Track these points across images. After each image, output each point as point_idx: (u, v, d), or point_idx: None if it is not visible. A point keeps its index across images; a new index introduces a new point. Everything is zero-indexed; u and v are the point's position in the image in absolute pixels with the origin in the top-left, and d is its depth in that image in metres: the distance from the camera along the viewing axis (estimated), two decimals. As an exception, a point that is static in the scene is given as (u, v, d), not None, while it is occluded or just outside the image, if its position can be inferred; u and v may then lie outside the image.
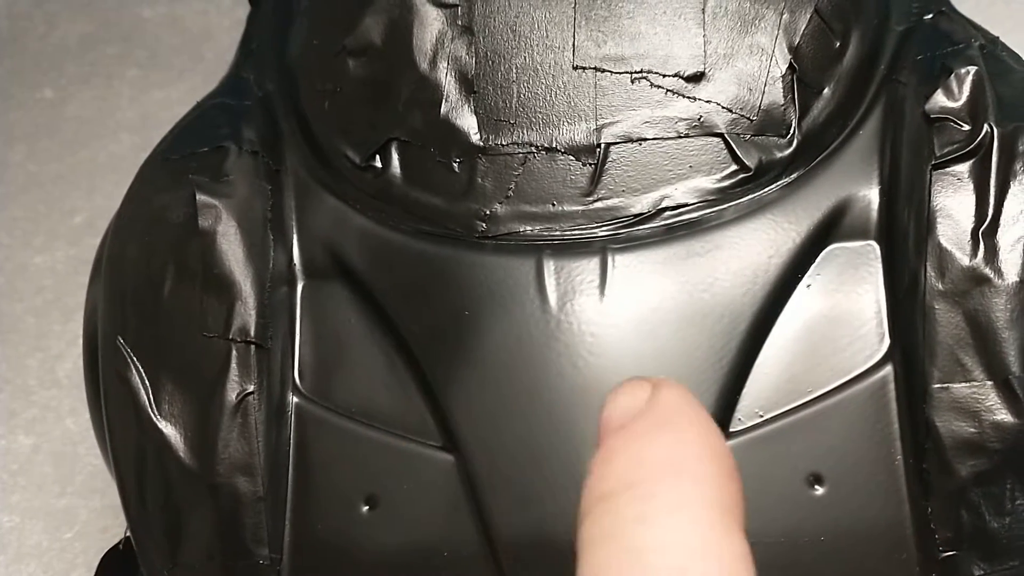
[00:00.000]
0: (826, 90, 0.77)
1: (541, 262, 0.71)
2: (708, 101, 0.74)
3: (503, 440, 0.66)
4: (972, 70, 0.70)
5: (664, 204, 0.73)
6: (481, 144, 0.76)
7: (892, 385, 0.65)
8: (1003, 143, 0.67)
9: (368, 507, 0.68)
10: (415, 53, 0.79)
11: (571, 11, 0.77)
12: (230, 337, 0.69)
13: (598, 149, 0.74)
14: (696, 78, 0.75)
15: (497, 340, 0.70)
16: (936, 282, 0.64)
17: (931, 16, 0.82)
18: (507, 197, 0.75)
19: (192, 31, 1.34)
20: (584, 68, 0.76)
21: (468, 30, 0.79)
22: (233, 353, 0.69)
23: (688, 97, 0.75)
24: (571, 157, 0.75)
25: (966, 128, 0.68)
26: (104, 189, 1.17)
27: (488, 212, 0.75)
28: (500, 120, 0.76)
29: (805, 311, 0.69)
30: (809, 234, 0.71)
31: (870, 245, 0.71)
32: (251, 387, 0.68)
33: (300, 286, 0.75)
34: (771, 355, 0.68)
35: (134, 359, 0.70)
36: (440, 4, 0.80)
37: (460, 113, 0.77)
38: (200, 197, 0.73)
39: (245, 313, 0.70)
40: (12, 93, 1.30)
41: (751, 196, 0.72)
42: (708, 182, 0.73)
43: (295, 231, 0.77)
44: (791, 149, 0.74)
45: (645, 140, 0.74)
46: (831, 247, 0.71)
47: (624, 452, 0.37)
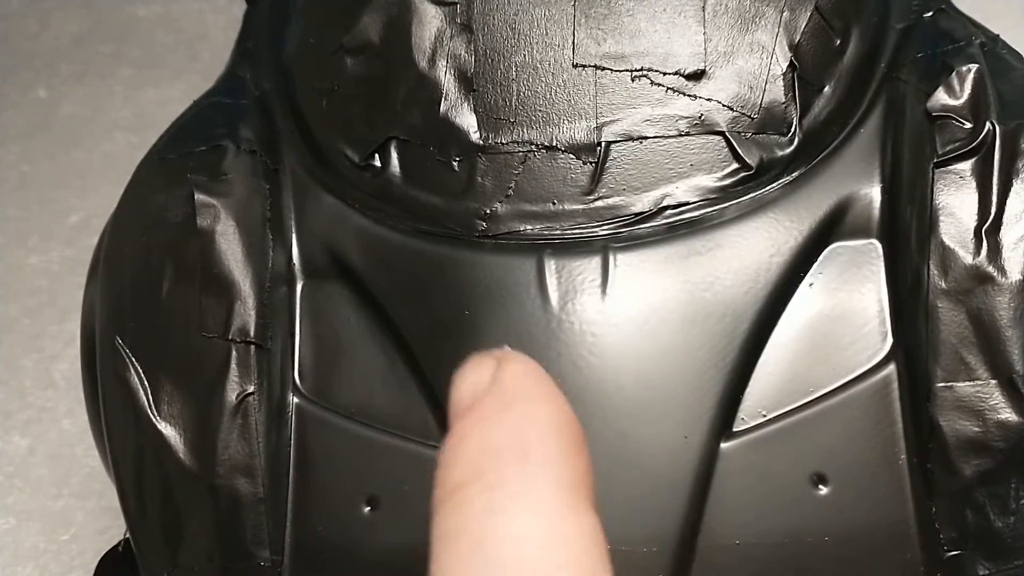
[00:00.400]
0: (827, 88, 0.77)
1: (542, 261, 0.70)
2: (709, 99, 0.74)
3: None
4: (973, 68, 0.70)
5: (665, 203, 0.72)
6: (481, 143, 0.75)
7: (895, 384, 0.65)
8: (1005, 141, 0.66)
9: (369, 508, 0.67)
10: (414, 51, 0.79)
11: (571, 8, 0.77)
12: (230, 337, 0.69)
13: (599, 148, 0.74)
14: (697, 76, 0.74)
15: (498, 340, 0.69)
16: (939, 280, 0.64)
17: (931, 14, 0.82)
18: (507, 196, 0.75)
19: (187, 30, 1.33)
20: (584, 66, 0.76)
21: (467, 28, 0.78)
22: (233, 353, 0.68)
23: (689, 95, 0.75)
24: (571, 156, 0.74)
25: (968, 126, 0.68)
26: (99, 189, 1.16)
27: (488, 211, 0.74)
28: (500, 118, 0.76)
29: (807, 310, 0.68)
30: (811, 233, 0.71)
31: (872, 243, 0.70)
32: (251, 388, 0.68)
33: (299, 286, 0.75)
34: (774, 354, 0.67)
35: (133, 360, 0.69)
36: (439, 2, 0.79)
37: (460, 112, 0.77)
38: (198, 196, 0.72)
39: (245, 313, 0.70)
40: (5, 92, 1.29)
41: (752, 195, 0.72)
42: (709, 180, 0.73)
43: (294, 230, 0.77)
44: (792, 147, 0.74)
45: (646, 138, 0.74)
46: (833, 246, 0.71)
47: (471, 438, 0.36)
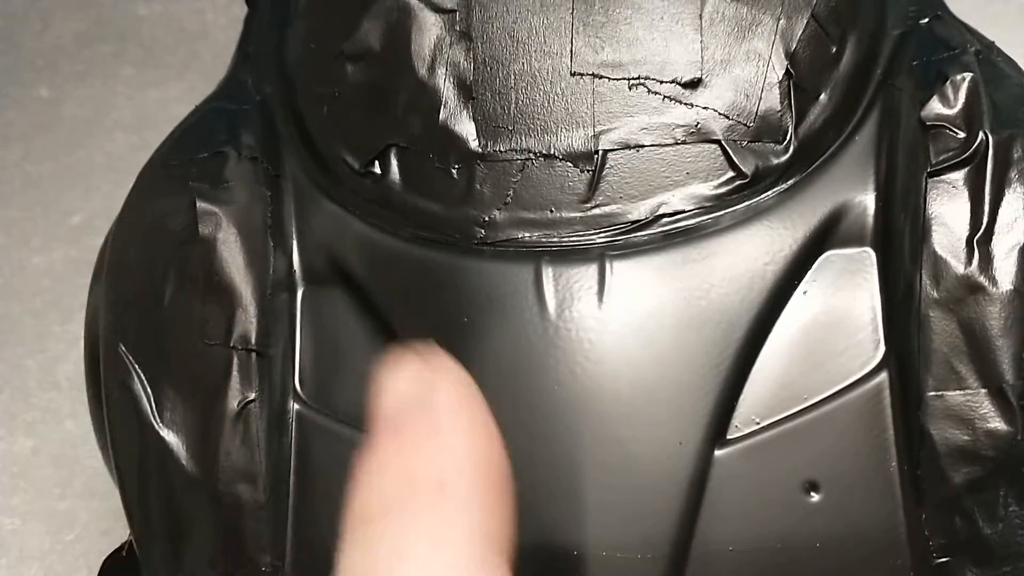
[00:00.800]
0: (822, 95, 0.78)
1: (540, 269, 0.71)
2: (705, 107, 0.75)
3: (503, 447, 0.67)
4: (968, 76, 0.71)
5: (661, 211, 0.73)
6: (480, 150, 0.76)
7: (887, 392, 0.66)
8: (998, 151, 0.67)
9: (369, 514, 0.69)
10: (413, 59, 0.79)
11: (569, 17, 0.78)
12: (231, 345, 0.70)
13: (596, 156, 0.74)
14: (693, 84, 0.75)
15: (496, 347, 0.70)
16: (931, 290, 0.65)
17: (927, 20, 0.82)
18: (505, 203, 0.76)
19: (188, 29, 1.34)
20: (582, 74, 0.76)
21: (466, 36, 0.79)
22: (235, 361, 0.69)
23: (685, 103, 0.75)
24: (569, 164, 0.75)
25: (961, 135, 0.68)
26: (101, 189, 1.17)
27: (487, 218, 0.75)
28: (498, 126, 0.77)
29: (801, 318, 0.69)
30: (805, 241, 0.71)
31: (866, 252, 0.71)
32: (252, 395, 0.69)
33: (300, 292, 0.76)
34: (768, 362, 0.68)
35: (136, 367, 0.70)
36: (438, 9, 0.80)
37: (459, 119, 0.77)
38: (200, 204, 0.73)
39: (246, 321, 0.71)
40: (8, 92, 1.30)
41: (748, 203, 0.73)
42: (705, 189, 0.74)
43: (295, 237, 0.78)
44: (787, 155, 0.75)
45: (642, 147, 0.75)
46: (827, 254, 0.71)
47: (391, 463, 0.34)
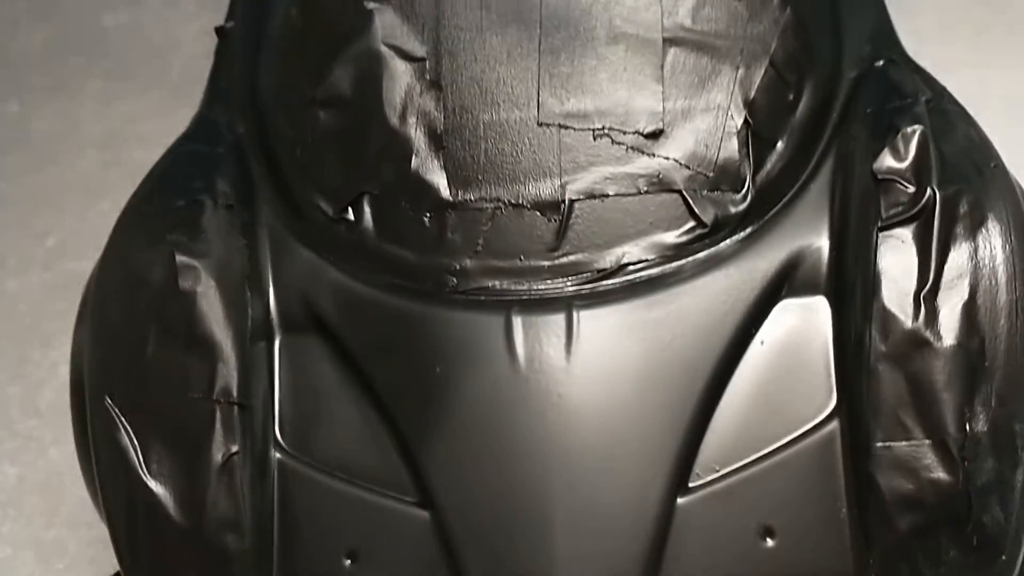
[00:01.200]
0: (779, 143, 0.81)
1: (510, 319, 0.74)
2: (667, 158, 0.78)
3: (475, 497, 0.70)
4: (918, 130, 0.74)
5: (626, 260, 0.76)
6: (451, 199, 0.79)
7: (839, 440, 0.70)
8: (945, 207, 0.71)
9: (350, 561, 0.72)
10: (385, 106, 0.81)
11: (535, 67, 0.80)
12: (214, 398, 0.72)
13: (563, 205, 0.77)
14: (655, 135, 0.78)
15: (468, 398, 0.73)
16: (880, 344, 0.68)
17: (882, 63, 0.85)
18: (476, 252, 0.78)
19: (155, 41, 1.34)
20: (548, 125, 0.79)
21: (436, 85, 0.81)
22: (217, 414, 0.72)
23: (648, 154, 0.78)
24: (537, 212, 0.78)
25: (911, 190, 0.72)
26: (74, 209, 1.18)
27: (458, 267, 0.78)
28: (468, 175, 0.79)
29: (759, 367, 0.73)
30: (763, 290, 0.75)
31: (819, 300, 0.75)
32: (235, 447, 0.71)
33: (278, 340, 0.78)
34: (727, 410, 0.72)
35: (122, 420, 0.73)
36: (408, 58, 0.82)
37: (430, 168, 0.80)
38: (179, 258, 0.75)
39: (227, 374, 0.73)
40: (-23, 106, 1.30)
41: (708, 251, 0.76)
42: (667, 238, 0.77)
43: (271, 284, 0.80)
44: (746, 204, 0.78)
45: (607, 196, 0.78)
46: (783, 302, 0.75)
47: None
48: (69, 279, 1.13)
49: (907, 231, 0.71)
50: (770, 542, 0.69)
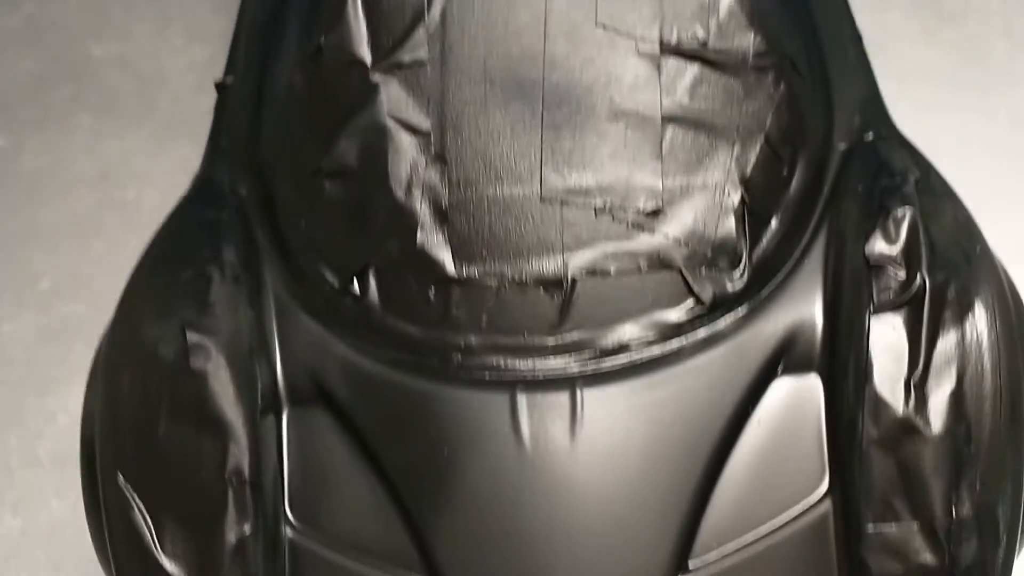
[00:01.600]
0: (774, 220, 0.84)
1: (515, 400, 0.76)
2: (666, 236, 0.80)
3: None
4: (908, 213, 0.77)
5: (627, 338, 0.79)
6: (455, 275, 0.80)
7: (831, 521, 0.73)
8: (934, 295, 0.74)
9: (361, 637, 0.74)
10: (391, 180, 0.83)
11: (538, 142, 0.82)
12: (226, 478, 0.74)
13: (565, 282, 0.79)
14: (655, 213, 0.80)
15: (475, 478, 0.75)
16: (872, 429, 0.72)
17: (871, 136, 0.88)
18: (480, 328, 0.80)
19: (144, 73, 1.34)
20: (551, 201, 0.81)
21: (441, 158, 0.83)
22: (230, 494, 0.74)
23: (648, 231, 0.80)
24: (540, 289, 0.80)
25: (901, 275, 0.75)
26: (67, 251, 1.18)
27: (463, 343, 0.80)
28: (473, 251, 0.81)
29: (755, 446, 0.76)
30: (759, 368, 0.78)
31: (813, 378, 0.78)
32: (248, 528, 0.73)
33: (286, 412, 0.80)
34: (725, 490, 0.75)
35: (135, 498, 0.74)
36: (413, 131, 0.83)
37: (435, 242, 0.81)
38: (190, 336, 0.76)
39: (239, 453, 0.75)
40: (-37, 139, 1.29)
41: (706, 330, 0.79)
42: (667, 316, 0.79)
43: (278, 355, 0.81)
44: (742, 282, 0.80)
45: (609, 274, 0.80)
46: (778, 380, 0.78)
47: None
48: (64, 323, 1.13)
49: (898, 317, 0.74)
50: (767, 622, 0.72)
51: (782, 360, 0.78)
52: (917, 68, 1.23)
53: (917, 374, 0.72)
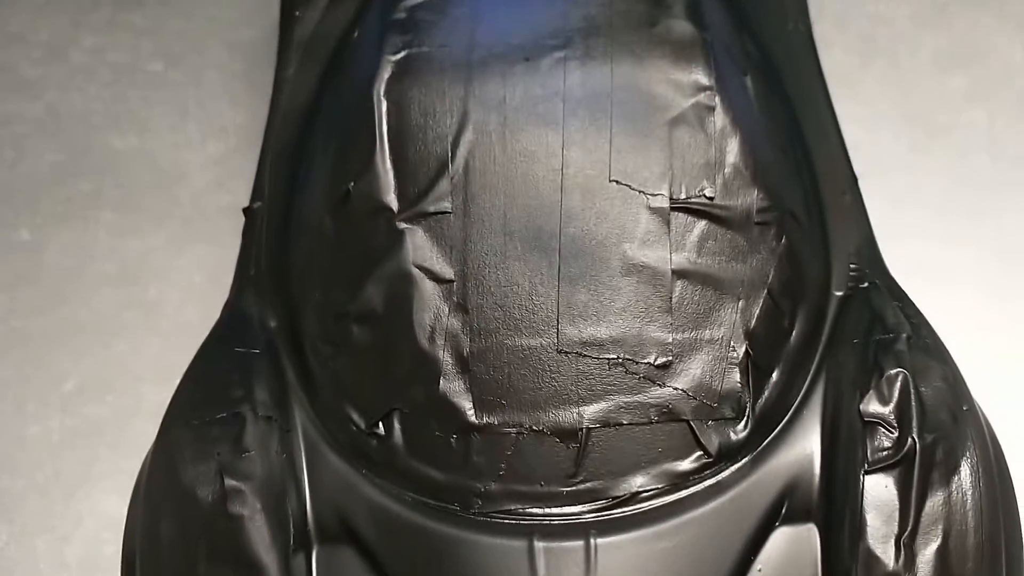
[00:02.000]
0: (776, 372, 0.89)
1: (532, 546, 0.81)
2: (675, 389, 0.85)
3: None
4: (900, 374, 0.83)
5: (638, 488, 0.84)
6: (476, 423, 0.86)
7: None
8: (924, 456, 0.80)
9: None
10: (415, 327, 0.88)
11: (555, 295, 0.87)
12: (261, 621, 0.79)
13: (580, 433, 0.84)
14: (665, 366, 0.85)
15: (496, 625, 0.81)
16: None
17: (866, 286, 0.94)
18: (499, 475, 0.85)
19: (164, 167, 1.38)
20: (567, 352, 0.86)
21: (463, 307, 0.88)
22: (265, 636, 0.79)
23: (658, 384, 0.86)
24: (556, 439, 0.85)
25: (894, 435, 0.81)
26: (91, 351, 1.22)
27: (483, 489, 0.85)
28: (493, 400, 0.86)
29: (758, 597, 0.82)
30: (761, 518, 0.83)
31: (811, 529, 0.83)
32: (281, 672, 0.78)
33: (315, 551, 0.85)
34: (727, 646, 0.80)
35: (175, 639, 0.79)
36: (437, 279, 0.88)
37: (456, 391, 0.86)
38: (228, 482, 0.81)
39: (273, 597, 0.80)
40: (-13, 232, 1.33)
41: (712, 479, 0.84)
42: (676, 466, 0.85)
43: (308, 493, 0.86)
44: (746, 432, 0.86)
45: (622, 425, 0.85)
46: (778, 530, 0.83)
47: None
48: (90, 425, 1.17)
49: (890, 477, 0.80)
50: None
51: (781, 511, 0.84)
52: (907, 190, 1.29)
53: (907, 532, 0.78)
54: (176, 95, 1.45)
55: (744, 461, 0.85)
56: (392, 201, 0.89)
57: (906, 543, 0.77)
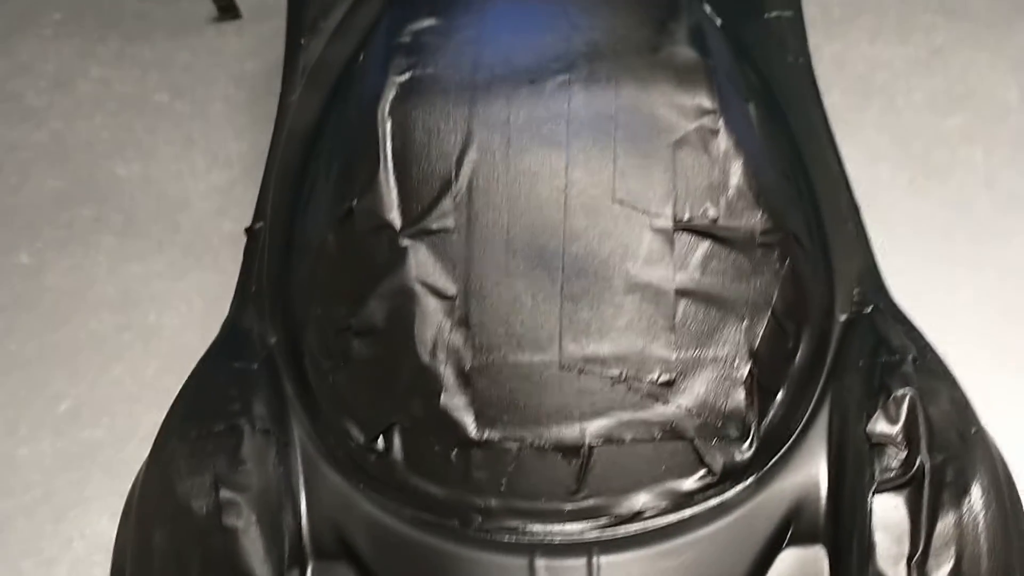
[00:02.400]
0: (780, 393, 0.88)
1: (534, 564, 0.79)
2: (679, 406, 0.84)
3: None
4: (908, 395, 0.82)
5: (641, 506, 0.82)
6: (477, 438, 0.84)
7: None
8: (934, 476, 0.79)
9: None
10: (416, 342, 0.87)
11: (557, 311, 0.86)
12: (253, 636, 0.77)
13: (583, 449, 0.83)
14: (668, 384, 0.85)
15: (496, 646, 0.79)
16: None
17: (870, 309, 0.93)
18: (500, 491, 0.84)
19: (167, 195, 1.38)
20: (569, 369, 0.85)
21: (465, 323, 0.87)
22: (257, 651, 0.77)
23: (661, 401, 0.85)
24: (559, 455, 0.84)
25: (902, 455, 0.80)
26: (87, 375, 1.21)
27: (483, 505, 0.83)
28: (494, 415, 0.85)
29: (764, 617, 0.80)
30: (767, 538, 0.81)
31: (818, 551, 0.82)
32: None
33: (310, 567, 0.83)
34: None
35: (164, 654, 0.77)
36: (439, 295, 0.88)
37: (457, 405, 0.85)
38: (223, 494, 0.80)
39: (267, 611, 0.78)
40: (-13, 256, 1.33)
41: (717, 499, 0.83)
42: (680, 485, 0.83)
43: (304, 508, 0.85)
44: (751, 452, 0.85)
45: (624, 442, 0.84)
46: (785, 551, 0.82)
47: None
48: (83, 447, 1.16)
49: (899, 498, 0.78)
50: None
51: (787, 533, 0.82)
52: (907, 220, 1.30)
53: (918, 554, 0.76)
54: (181, 125, 1.46)
55: (749, 481, 0.83)
56: (395, 218, 0.89)
57: (917, 564, 0.76)
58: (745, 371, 0.86)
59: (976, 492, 0.78)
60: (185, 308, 1.28)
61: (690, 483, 0.83)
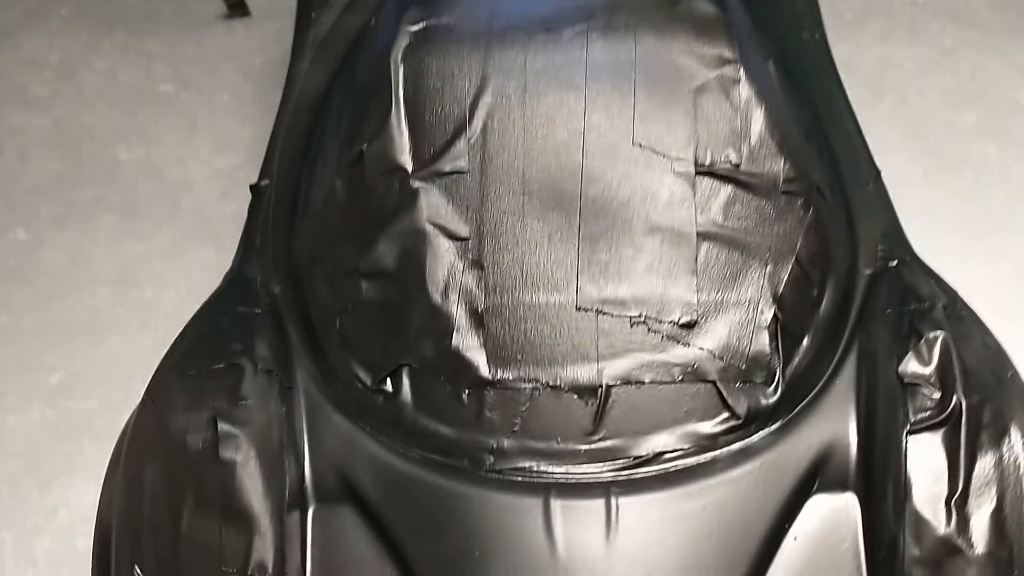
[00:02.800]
0: (806, 339, 0.85)
1: (549, 503, 0.75)
2: (701, 348, 0.81)
3: None
4: (940, 336, 0.79)
5: (662, 448, 0.78)
6: (489, 378, 0.81)
7: None
8: (971, 416, 0.75)
9: None
10: (428, 283, 0.84)
11: (575, 252, 0.83)
12: (248, 573, 0.72)
13: (600, 390, 0.79)
14: (689, 325, 0.81)
15: (508, 582, 0.74)
16: (914, 549, 0.71)
17: (895, 263, 0.91)
18: (513, 431, 0.80)
19: (169, 179, 1.36)
20: (587, 310, 0.82)
21: (478, 264, 0.84)
22: (253, 590, 0.71)
23: (683, 343, 0.81)
24: (575, 396, 0.80)
25: (936, 395, 0.76)
26: (81, 350, 1.17)
27: (495, 445, 0.79)
28: (508, 355, 0.81)
29: (793, 564, 0.75)
30: (794, 485, 0.77)
31: (849, 497, 0.77)
32: (269, 625, 0.71)
33: (312, 509, 0.78)
34: (762, 610, 0.73)
35: (152, 593, 0.72)
36: (452, 236, 0.85)
37: (470, 346, 0.82)
38: (222, 427, 0.76)
39: (263, 548, 0.73)
40: (-18, 232, 1.30)
41: (741, 443, 0.79)
42: (702, 428, 0.79)
43: (307, 453, 0.80)
44: (776, 397, 0.81)
45: (643, 383, 0.80)
46: (814, 498, 0.77)
47: None
48: (73, 419, 1.11)
49: (935, 437, 0.74)
50: None
51: (817, 479, 0.78)
52: (921, 212, 1.27)
53: (958, 494, 0.72)
54: (186, 113, 1.44)
55: (775, 427, 0.79)
56: (406, 161, 0.87)
57: (957, 505, 0.72)
58: (769, 315, 0.83)
59: (1016, 434, 0.74)
60: (184, 285, 1.25)
61: (713, 426, 0.79)
